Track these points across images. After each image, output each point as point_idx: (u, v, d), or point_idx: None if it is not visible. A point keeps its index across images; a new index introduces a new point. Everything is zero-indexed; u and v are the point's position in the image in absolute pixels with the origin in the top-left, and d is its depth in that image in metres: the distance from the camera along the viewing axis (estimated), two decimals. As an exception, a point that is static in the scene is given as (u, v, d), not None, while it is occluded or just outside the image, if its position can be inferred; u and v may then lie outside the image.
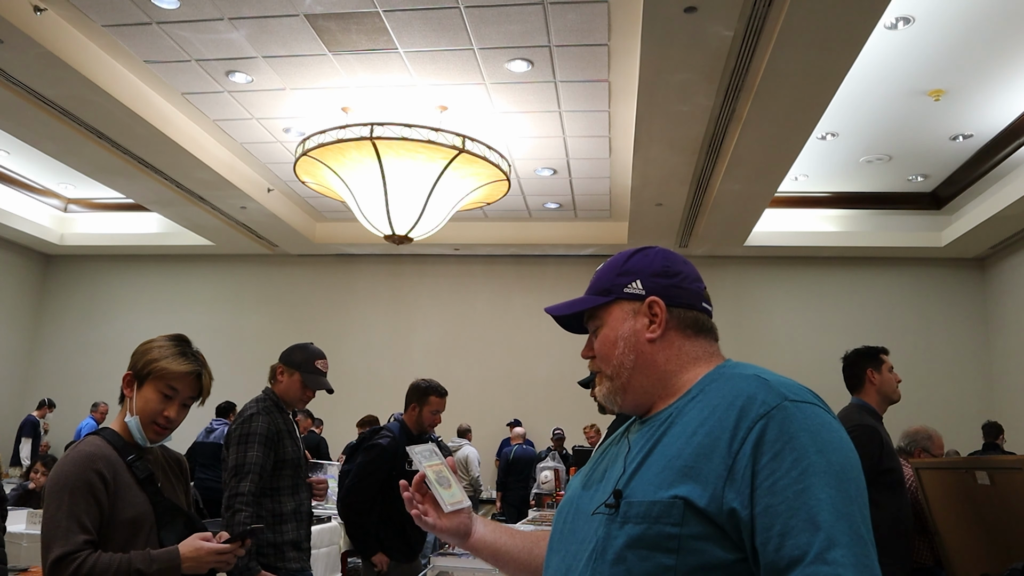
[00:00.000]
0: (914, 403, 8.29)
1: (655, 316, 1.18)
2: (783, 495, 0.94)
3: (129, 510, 1.74)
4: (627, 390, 1.18)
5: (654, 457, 1.07)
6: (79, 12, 5.21)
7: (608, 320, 1.21)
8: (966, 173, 7.82)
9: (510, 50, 5.44)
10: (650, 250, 1.25)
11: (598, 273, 1.26)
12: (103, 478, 1.71)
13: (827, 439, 0.98)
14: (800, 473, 0.95)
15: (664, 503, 1.00)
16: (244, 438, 2.85)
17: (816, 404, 1.03)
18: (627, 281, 1.21)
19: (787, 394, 1.02)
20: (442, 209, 6.55)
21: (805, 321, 9.58)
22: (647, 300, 1.19)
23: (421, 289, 10.41)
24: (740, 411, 1.02)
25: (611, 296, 1.21)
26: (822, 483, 0.94)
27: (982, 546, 2.88)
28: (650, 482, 1.04)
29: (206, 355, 1.98)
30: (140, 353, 1.83)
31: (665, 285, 1.20)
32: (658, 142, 6.19)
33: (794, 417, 0.99)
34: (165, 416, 1.81)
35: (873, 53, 5.31)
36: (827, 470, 0.95)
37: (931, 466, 3.24)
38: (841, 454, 0.98)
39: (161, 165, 7.23)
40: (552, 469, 7.35)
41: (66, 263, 11.06)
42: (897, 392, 3.11)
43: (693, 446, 1.03)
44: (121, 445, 1.80)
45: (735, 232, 8.63)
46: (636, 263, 1.23)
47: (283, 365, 3.07)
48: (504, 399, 9.72)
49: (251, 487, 2.77)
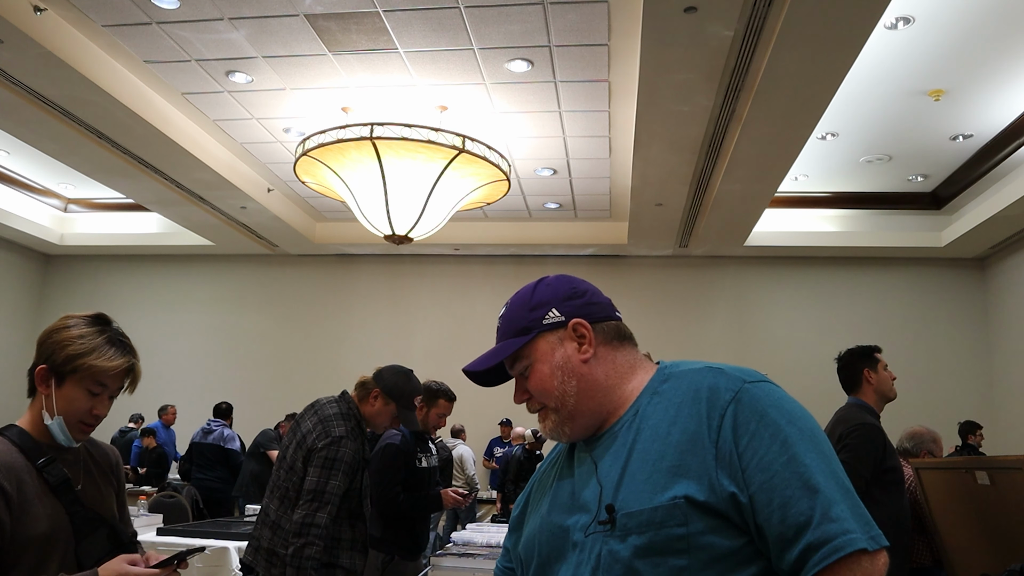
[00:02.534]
0: (914, 403, 8.30)
1: (582, 337, 1.18)
2: (772, 469, 0.99)
3: (39, 524, 1.45)
4: (575, 416, 1.17)
5: (634, 465, 1.08)
6: (79, 12, 5.21)
7: (536, 356, 1.19)
8: (966, 173, 7.82)
9: (510, 50, 5.44)
10: (548, 279, 1.25)
11: (505, 318, 1.24)
12: (3, 492, 1.42)
13: (791, 410, 1.05)
14: (781, 445, 1.00)
15: (666, 507, 1.02)
16: (330, 463, 2.65)
17: (769, 382, 1.10)
18: (542, 313, 1.20)
19: (744, 377, 1.08)
20: (442, 209, 6.54)
21: (805, 321, 9.57)
22: (570, 324, 1.19)
23: (421, 289, 10.41)
24: (708, 402, 1.06)
25: (532, 332, 1.20)
26: (803, 449, 1.00)
27: (982, 546, 2.88)
28: (642, 489, 1.05)
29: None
30: (56, 344, 1.52)
31: (580, 305, 1.21)
32: (658, 142, 6.19)
33: (758, 396, 1.05)
34: (94, 414, 1.55)
35: (873, 53, 5.31)
36: (802, 437, 1.02)
37: (931, 466, 3.24)
38: (807, 420, 1.05)
39: (161, 165, 7.23)
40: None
41: (66, 263, 11.07)
42: (893, 390, 3.11)
43: (673, 445, 1.06)
44: (30, 447, 1.51)
45: (735, 232, 8.63)
46: (543, 295, 1.22)
47: (380, 391, 2.86)
48: (499, 399, 9.71)
49: (327, 519, 2.60)
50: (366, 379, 2.91)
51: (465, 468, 7.98)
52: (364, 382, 2.90)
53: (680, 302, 9.85)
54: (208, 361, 10.39)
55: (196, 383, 10.14)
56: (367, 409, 2.86)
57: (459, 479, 7.94)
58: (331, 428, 2.74)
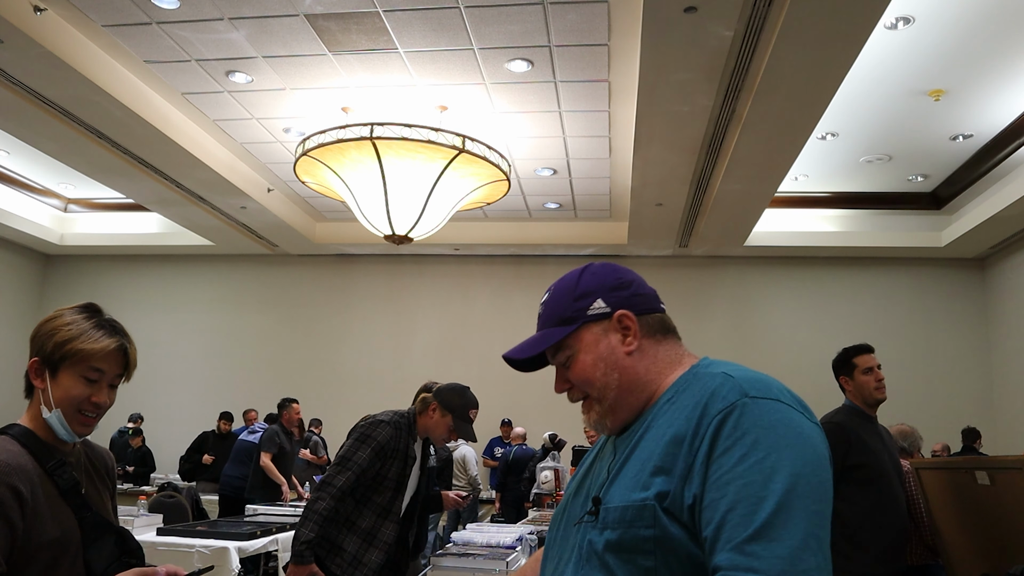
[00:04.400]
0: (914, 403, 8.31)
1: (627, 329, 1.17)
2: (726, 489, 0.94)
3: (51, 530, 1.41)
4: (615, 410, 1.16)
5: (631, 462, 1.08)
6: (79, 12, 5.21)
7: (580, 346, 1.18)
8: (966, 173, 7.82)
9: (510, 50, 5.44)
10: (593, 267, 1.23)
11: (548, 305, 1.22)
12: (18, 495, 1.36)
13: (783, 435, 0.96)
14: (747, 468, 0.94)
15: (636, 507, 1.01)
16: (363, 437, 2.88)
17: (780, 400, 1.00)
18: (587, 303, 1.18)
19: (748, 390, 1.01)
20: (442, 209, 6.54)
21: (805, 321, 9.57)
22: (615, 315, 1.17)
23: (421, 289, 10.41)
24: (703, 408, 1.02)
25: (577, 322, 1.18)
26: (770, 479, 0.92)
27: (982, 546, 2.88)
28: (626, 487, 1.05)
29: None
30: (45, 335, 1.49)
31: (626, 296, 1.19)
32: (658, 142, 6.19)
33: (751, 413, 0.98)
34: (93, 403, 1.49)
35: (873, 53, 5.31)
36: (775, 467, 0.93)
37: (931, 466, 3.24)
38: (795, 451, 0.95)
39: (161, 165, 7.23)
40: (552, 469, 7.35)
41: (66, 263, 11.07)
42: (873, 394, 3.12)
43: (663, 445, 1.04)
44: (38, 448, 1.46)
45: (735, 232, 8.63)
46: (588, 284, 1.20)
47: (438, 403, 3.05)
48: (502, 399, 9.72)
49: (345, 483, 2.80)
50: (426, 395, 3.12)
51: (468, 468, 7.99)
52: (424, 397, 3.11)
53: (680, 302, 9.84)
54: (208, 361, 10.39)
55: (196, 383, 10.14)
56: (425, 420, 3.06)
57: (461, 479, 7.94)
58: (377, 415, 3.00)
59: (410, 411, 3.09)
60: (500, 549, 2.96)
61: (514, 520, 5.91)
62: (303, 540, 2.72)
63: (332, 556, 2.83)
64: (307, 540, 2.73)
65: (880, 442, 3.12)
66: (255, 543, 4.34)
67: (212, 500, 7.55)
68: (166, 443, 9.30)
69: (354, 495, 2.89)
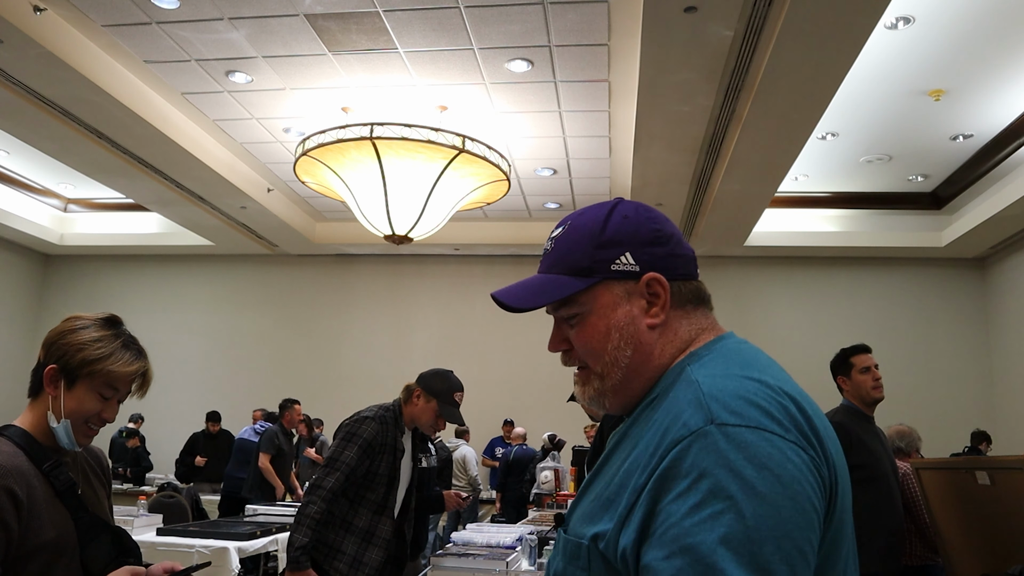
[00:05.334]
0: (914, 403, 8.31)
1: (655, 296, 0.95)
2: (669, 548, 0.74)
3: (47, 531, 1.40)
4: (617, 392, 0.96)
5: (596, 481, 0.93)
6: (79, 12, 5.21)
7: (594, 307, 0.95)
8: (966, 173, 7.82)
9: (510, 50, 5.44)
10: (626, 207, 0.98)
11: (562, 243, 0.98)
12: (13, 497, 1.36)
13: (749, 480, 0.74)
14: (696, 524, 0.73)
15: (574, 543, 0.88)
16: (349, 436, 2.87)
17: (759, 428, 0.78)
18: (613, 255, 0.94)
19: (716, 414, 0.79)
20: (442, 209, 6.55)
21: (805, 321, 9.57)
22: (644, 278, 0.94)
23: (421, 289, 10.41)
24: (662, 433, 0.83)
25: (595, 276, 0.94)
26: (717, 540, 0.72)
27: (982, 546, 2.88)
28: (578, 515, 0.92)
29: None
30: (70, 347, 1.48)
31: (661, 255, 0.95)
32: (658, 142, 6.19)
33: (715, 447, 0.77)
34: (102, 418, 1.51)
35: (873, 53, 5.31)
36: (732, 524, 0.72)
37: (931, 466, 3.24)
38: (764, 502, 0.73)
39: (161, 165, 7.23)
40: (552, 469, 7.35)
41: (66, 263, 11.07)
42: (871, 393, 3.15)
43: (621, 472, 0.86)
44: (34, 449, 1.46)
45: (735, 232, 8.63)
46: (618, 229, 0.96)
47: (421, 390, 3.04)
48: (503, 399, 9.72)
49: (335, 484, 2.78)
50: (410, 383, 3.10)
51: (468, 468, 7.99)
52: (408, 385, 3.10)
53: (680, 302, 9.83)
54: (208, 361, 10.39)
55: (196, 383, 10.14)
56: (411, 409, 3.04)
57: (461, 479, 7.95)
58: (361, 412, 2.98)
59: (395, 403, 3.06)
60: (500, 549, 2.96)
61: (514, 520, 5.91)
62: (298, 546, 2.70)
63: (331, 559, 2.81)
64: (302, 545, 2.71)
65: (878, 442, 3.14)
66: (255, 543, 4.35)
67: (212, 500, 7.55)
68: (166, 443, 9.29)
69: (347, 495, 2.86)
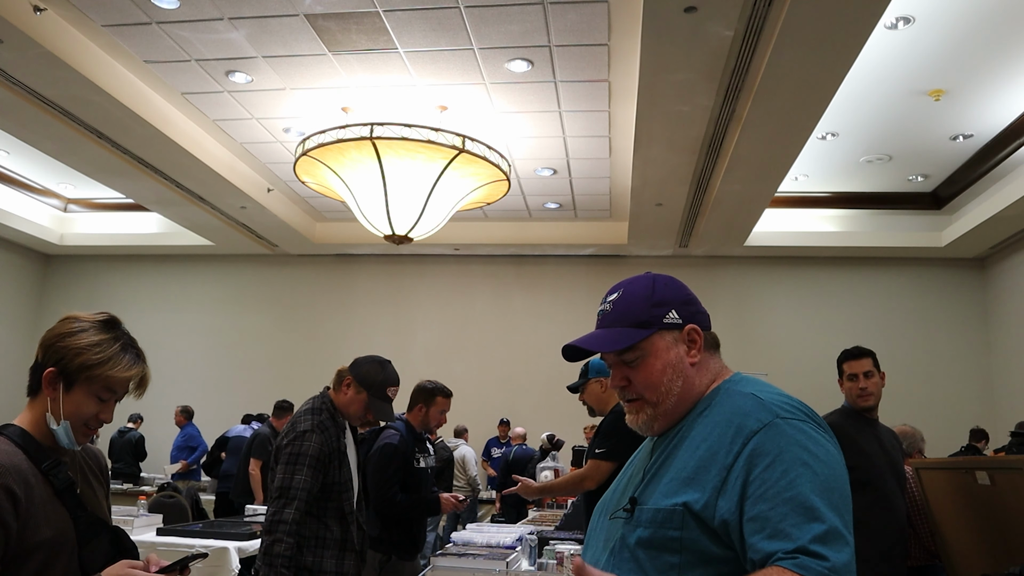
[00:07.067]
0: (914, 403, 8.31)
1: (693, 342, 1.29)
2: (773, 502, 1.07)
3: (46, 530, 1.42)
4: (669, 414, 1.28)
5: (666, 469, 1.22)
6: (79, 12, 5.21)
7: (652, 351, 1.28)
8: (966, 173, 7.82)
9: (510, 50, 5.44)
10: (663, 278, 1.35)
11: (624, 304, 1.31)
12: (13, 496, 1.37)
13: (814, 451, 1.12)
14: (789, 483, 1.08)
15: (667, 510, 1.16)
16: (295, 458, 2.66)
17: (805, 420, 1.16)
18: (664, 312, 1.29)
19: (779, 412, 1.16)
20: (442, 209, 6.54)
21: (805, 321, 9.57)
22: (686, 328, 1.29)
23: (421, 289, 10.41)
24: (736, 428, 1.16)
25: (652, 328, 1.28)
26: (809, 490, 1.07)
27: (982, 546, 2.87)
28: (660, 492, 1.19)
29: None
30: (69, 350, 1.49)
31: (694, 312, 1.32)
32: (658, 142, 6.19)
33: (784, 433, 1.13)
34: (100, 419, 1.54)
35: (873, 53, 5.31)
36: (813, 479, 1.08)
37: (931, 466, 3.24)
38: (826, 465, 1.12)
39: (161, 165, 7.22)
40: (552, 469, 7.35)
41: (66, 263, 11.07)
42: (856, 401, 3.18)
43: (696, 459, 1.18)
44: (33, 448, 1.48)
45: (735, 232, 8.63)
46: (664, 293, 1.31)
47: (352, 379, 2.83)
48: (502, 399, 9.72)
49: (295, 515, 2.60)
50: (343, 368, 2.88)
51: (467, 468, 7.99)
52: (340, 371, 2.88)
53: (680, 302, 9.83)
54: (208, 361, 10.38)
55: (196, 383, 10.13)
56: (340, 398, 2.83)
57: (461, 479, 7.95)
58: (297, 424, 2.75)
59: (324, 394, 2.85)
60: (500, 549, 2.96)
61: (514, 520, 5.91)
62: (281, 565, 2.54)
63: None
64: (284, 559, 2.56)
65: (876, 444, 3.10)
66: (255, 543, 4.34)
67: (211, 500, 7.55)
68: (167, 443, 9.29)
69: (312, 512, 2.70)
